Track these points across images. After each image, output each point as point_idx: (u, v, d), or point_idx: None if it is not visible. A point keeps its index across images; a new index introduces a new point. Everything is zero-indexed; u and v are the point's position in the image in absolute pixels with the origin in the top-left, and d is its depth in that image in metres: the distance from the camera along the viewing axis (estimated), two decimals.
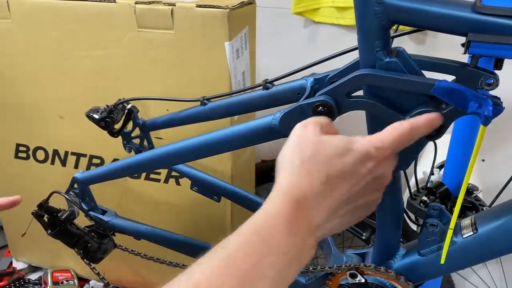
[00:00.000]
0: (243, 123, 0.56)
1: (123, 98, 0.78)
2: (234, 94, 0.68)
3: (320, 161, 0.37)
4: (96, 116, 0.75)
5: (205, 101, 0.68)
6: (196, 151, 0.60)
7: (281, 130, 0.52)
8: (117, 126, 0.79)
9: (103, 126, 0.77)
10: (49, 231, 0.78)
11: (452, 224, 0.49)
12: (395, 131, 0.41)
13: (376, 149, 0.39)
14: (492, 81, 0.42)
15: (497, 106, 0.41)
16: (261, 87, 0.62)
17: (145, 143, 0.82)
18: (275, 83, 0.62)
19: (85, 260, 0.81)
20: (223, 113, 0.67)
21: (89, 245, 0.79)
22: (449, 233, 0.49)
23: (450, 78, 0.45)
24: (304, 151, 0.38)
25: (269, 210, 0.35)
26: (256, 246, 0.32)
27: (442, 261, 0.49)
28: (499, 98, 0.42)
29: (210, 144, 0.59)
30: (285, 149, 0.40)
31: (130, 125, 0.81)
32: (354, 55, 0.49)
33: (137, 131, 0.81)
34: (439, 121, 0.43)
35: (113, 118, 0.76)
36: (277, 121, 0.51)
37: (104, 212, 0.81)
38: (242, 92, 0.67)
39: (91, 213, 0.80)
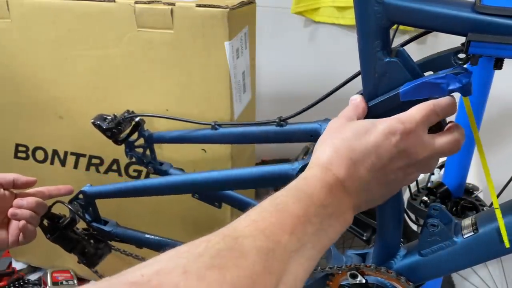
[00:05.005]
0: (262, 166, 0.60)
1: (132, 112, 0.78)
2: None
3: (343, 142, 0.42)
4: (103, 126, 0.75)
5: (216, 125, 0.69)
6: (211, 185, 0.64)
7: None
8: (122, 135, 0.80)
9: (109, 136, 0.77)
10: (48, 235, 0.78)
11: (495, 204, 0.47)
12: (419, 107, 0.43)
13: (401, 123, 0.41)
14: (463, 55, 0.42)
15: (462, 74, 0.41)
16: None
17: (147, 152, 0.82)
18: (289, 120, 0.64)
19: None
20: (232, 140, 0.69)
21: (86, 250, 0.80)
22: (498, 212, 0.46)
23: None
24: (334, 134, 0.44)
25: (308, 175, 0.41)
26: (301, 198, 0.38)
27: (507, 245, 0.46)
28: (463, 68, 0.42)
29: (227, 181, 0.62)
30: (324, 133, 0.46)
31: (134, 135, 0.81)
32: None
33: (141, 140, 0.81)
34: (455, 105, 0.44)
35: (120, 130, 0.77)
36: (296, 172, 0.56)
37: (105, 222, 0.82)
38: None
39: (93, 224, 0.80)
